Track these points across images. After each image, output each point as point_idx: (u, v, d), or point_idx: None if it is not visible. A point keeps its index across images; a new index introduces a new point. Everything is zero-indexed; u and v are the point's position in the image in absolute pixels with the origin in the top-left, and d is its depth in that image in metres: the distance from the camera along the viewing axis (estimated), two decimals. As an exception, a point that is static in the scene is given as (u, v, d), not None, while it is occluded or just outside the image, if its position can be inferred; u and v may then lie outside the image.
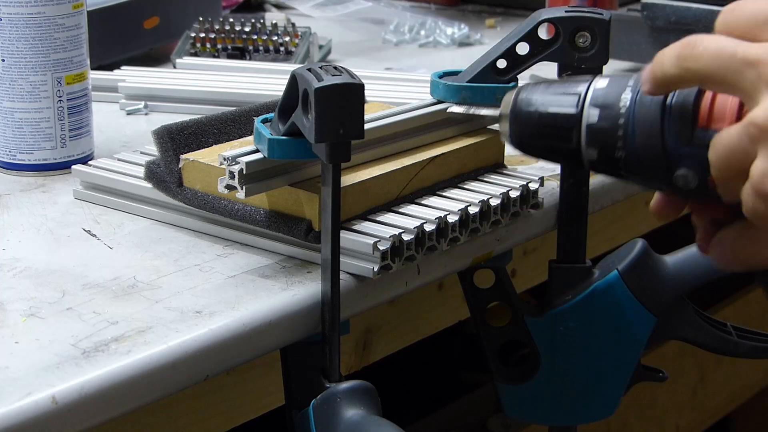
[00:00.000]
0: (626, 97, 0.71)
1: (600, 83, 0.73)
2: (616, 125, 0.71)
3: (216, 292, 0.84)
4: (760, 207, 0.65)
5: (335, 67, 0.81)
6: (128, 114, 1.25)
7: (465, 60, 1.08)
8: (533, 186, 0.98)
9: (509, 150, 1.02)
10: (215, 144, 0.95)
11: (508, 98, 0.76)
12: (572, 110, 0.72)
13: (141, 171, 0.97)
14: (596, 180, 1.07)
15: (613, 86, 0.72)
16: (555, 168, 1.05)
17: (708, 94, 0.69)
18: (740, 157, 0.65)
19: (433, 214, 0.91)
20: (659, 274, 1.00)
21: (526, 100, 0.74)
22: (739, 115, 0.68)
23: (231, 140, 0.96)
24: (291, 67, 1.31)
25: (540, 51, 0.96)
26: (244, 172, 0.85)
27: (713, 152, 0.66)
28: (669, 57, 0.68)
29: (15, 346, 0.76)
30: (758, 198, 0.64)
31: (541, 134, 0.74)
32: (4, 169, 1.07)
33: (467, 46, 1.62)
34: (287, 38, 1.42)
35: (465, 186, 0.97)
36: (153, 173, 0.95)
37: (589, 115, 0.72)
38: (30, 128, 1.06)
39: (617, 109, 0.71)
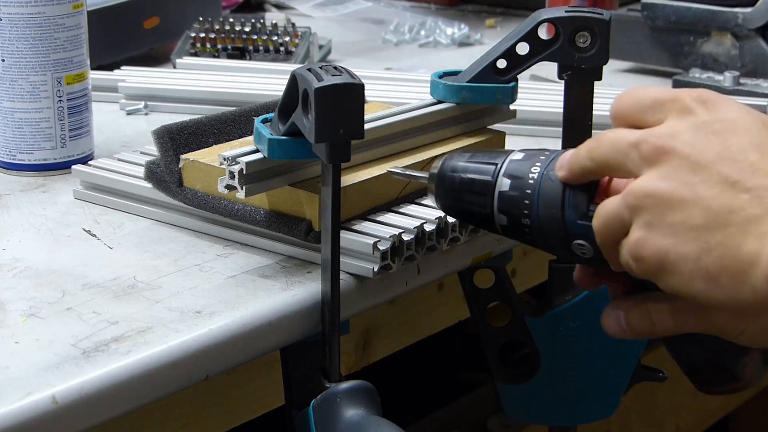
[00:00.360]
0: (536, 170, 0.77)
1: (516, 156, 0.79)
2: (524, 194, 0.77)
3: (216, 292, 0.84)
4: (636, 268, 0.71)
5: (335, 67, 0.81)
6: (128, 114, 1.25)
7: (465, 60, 1.08)
8: (533, 186, 0.98)
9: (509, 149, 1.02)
10: (215, 144, 0.95)
11: (437, 163, 0.82)
12: (488, 178, 0.79)
13: (141, 171, 0.97)
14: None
15: (527, 160, 0.78)
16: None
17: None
18: (618, 225, 0.72)
19: (433, 214, 0.91)
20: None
21: (452, 166, 0.81)
22: None
23: (231, 140, 0.96)
24: (291, 67, 1.31)
25: (540, 51, 0.96)
26: (244, 172, 0.85)
27: (596, 220, 0.73)
28: (582, 151, 0.74)
29: (15, 346, 0.76)
30: (633, 260, 0.71)
31: (460, 198, 0.80)
32: (4, 169, 1.07)
33: (467, 46, 1.62)
34: (287, 38, 1.42)
35: (465, 186, 0.97)
36: (153, 173, 0.95)
37: (501, 183, 0.78)
38: (30, 128, 1.06)
39: (527, 181, 0.77)
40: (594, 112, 0.97)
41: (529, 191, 0.77)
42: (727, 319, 0.72)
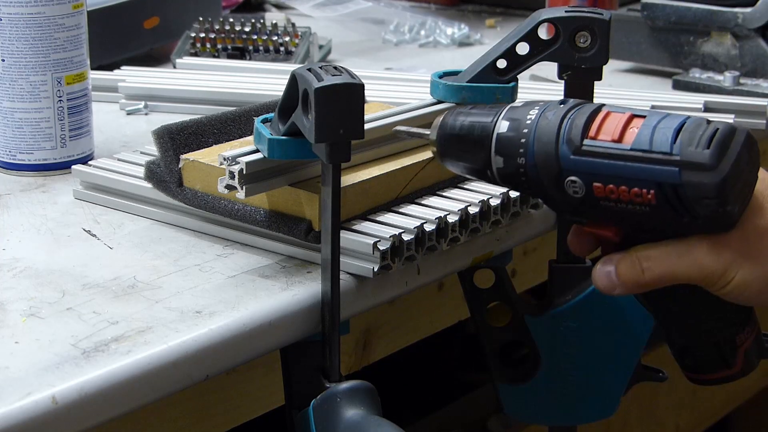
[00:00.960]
0: (533, 113, 0.80)
1: (516, 104, 0.81)
2: (521, 134, 0.79)
3: (216, 292, 0.84)
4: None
5: (335, 67, 0.81)
6: (128, 114, 1.25)
7: (465, 60, 1.08)
8: (533, 186, 0.98)
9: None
10: (215, 144, 0.95)
11: (440, 116, 0.84)
12: (488, 120, 0.81)
13: (141, 171, 0.97)
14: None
15: (526, 106, 0.81)
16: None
17: (602, 113, 0.78)
18: None
19: (433, 214, 0.91)
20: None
21: (455, 114, 0.83)
22: (622, 133, 0.77)
23: (231, 140, 0.96)
24: (291, 67, 1.31)
25: (540, 51, 0.96)
26: (244, 172, 0.85)
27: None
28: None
29: (15, 346, 0.76)
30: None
31: (459, 144, 0.82)
32: (4, 169, 1.07)
33: (467, 46, 1.62)
34: (287, 38, 1.42)
35: (465, 186, 0.97)
36: (153, 173, 0.95)
37: (500, 126, 0.80)
38: (30, 128, 1.06)
39: (524, 122, 0.79)
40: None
41: (525, 131, 0.79)
42: (713, 263, 0.76)
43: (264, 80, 1.27)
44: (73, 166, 1.02)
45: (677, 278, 0.78)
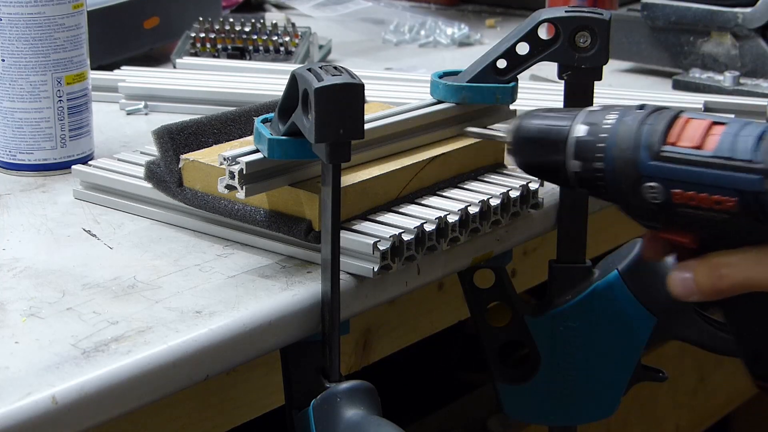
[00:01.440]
0: (611, 117, 0.80)
1: (593, 108, 0.82)
2: (599, 138, 0.80)
3: (216, 292, 0.84)
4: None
5: (335, 67, 0.81)
6: (128, 114, 1.25)
7: (465, 60, 1.08)
8: (533, 186, 0.98)
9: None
10: (215, 144, 0.95)
11: (515, 119, 0.84)
12: (564, 124, 0.81)
13: (141, 171, 0.97)
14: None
15: (603, 110, 0.81)
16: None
17: (682, 119, 0.78)
18: None
19: (433, 214, 0.91)
20: (659, 274, 1.00)
21: (531, 116, 0.83)
22: (703, 140, 0.76)
23: (231, 140, 0.96)
24: (291, 67, 1.31)
25: (540, 51, 0.96)
26: (244, 172, 0.85)
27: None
28: None
29: (15, 346, 0.76)
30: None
31: (535, 147, 0.83)
32: (4, 169, 1.07)
33: (467, 46, 1.62)
34: (287, 38, 1.42)
35: (465, 186, 0.97)
36: (153, 173, 0.95)
37: (578, 130, 0.81)
38: (30, 128, 1.06)
39: (602, 126, 0.80)
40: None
41: (604, 135, 0.79)
42: None
43: (264, 80, 1.27)
44: (73, 166, 1.02)
45: (755, 285, 0.78)
